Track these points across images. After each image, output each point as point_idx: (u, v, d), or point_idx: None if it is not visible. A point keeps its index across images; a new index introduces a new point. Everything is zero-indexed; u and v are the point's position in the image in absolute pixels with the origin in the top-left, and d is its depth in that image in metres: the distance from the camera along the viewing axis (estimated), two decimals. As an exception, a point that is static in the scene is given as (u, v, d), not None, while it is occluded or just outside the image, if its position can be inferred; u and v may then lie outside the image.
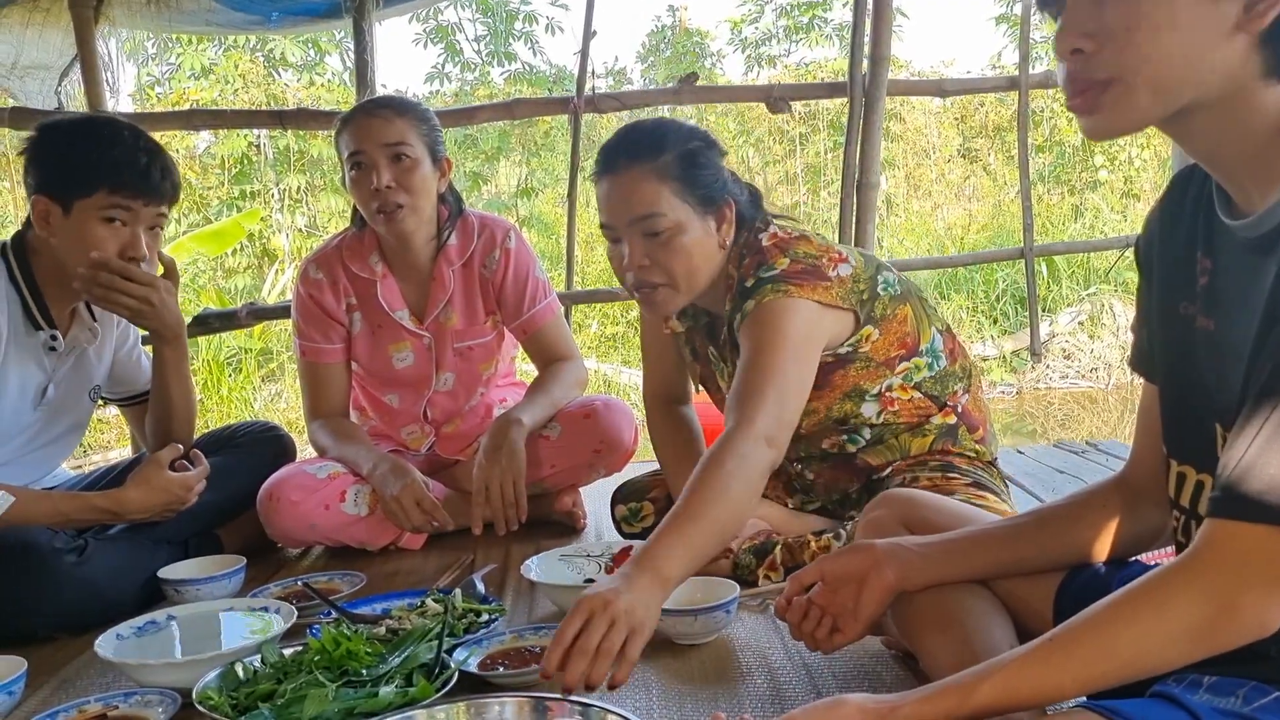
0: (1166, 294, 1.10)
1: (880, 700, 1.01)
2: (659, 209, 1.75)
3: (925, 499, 1.47)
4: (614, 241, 1.82)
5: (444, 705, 1.31)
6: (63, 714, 1.48)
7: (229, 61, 9.61)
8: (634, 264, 1.78)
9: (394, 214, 2.27)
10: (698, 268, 1.80)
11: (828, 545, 1.86)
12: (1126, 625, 0.93)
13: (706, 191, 1.79)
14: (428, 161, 2.31)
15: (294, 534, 2.28)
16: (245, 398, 7.39)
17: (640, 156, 1.76)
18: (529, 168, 11.04)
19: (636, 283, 1.81)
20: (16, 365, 2.02)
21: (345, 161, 2.30)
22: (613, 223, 1.80)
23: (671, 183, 1.75)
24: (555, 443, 2.38)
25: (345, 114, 2.37)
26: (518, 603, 1.95)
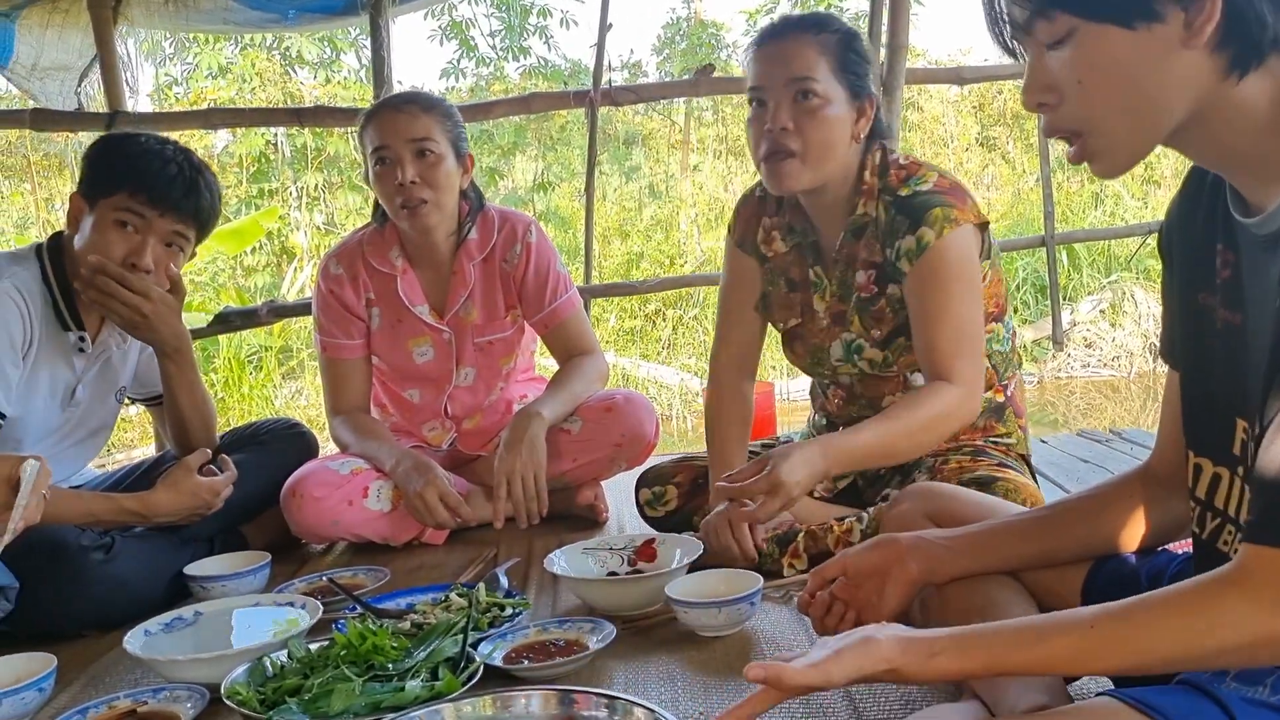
0: (1187, 285, 1.09)
1: (915, 636, 1.00)
2: (815, 75, 1.82)
3: (949, 492, 1.47)
4: (759, 104, 1.86)
5: (470, 699, 1.31)
6: (92, 710, 1.49)
7: (246, 60, 9.64)
8: (778, 123, 1.82)
9: (418, 209, 2.28)
10: (832, 147, 1.85)
11: (850, 529, 1.87)
12: (1173, 632, 0.91)
13: (857, 79, 1.86)
14: (451, 157, 2.31)
15: (318, 530, 2.29)
16: (266, 395, 7.43)
17: (805, 29, 1.84)
18: (545, 162, 11.05)
19: (771, 149, 1.85)
20: (47, 365, 2.04)
21: (369, 156, 2.30)
22: (768, 83, 1.84)
23: (830, 59, 1.83)
24: (576, 437, 2.38)
25: (370, 109, 2.38)
26: (541, 596, 1.95)
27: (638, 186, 11.10)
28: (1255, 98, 0.93)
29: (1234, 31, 0.91)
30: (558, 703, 1.29)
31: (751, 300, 2.13)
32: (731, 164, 11.35)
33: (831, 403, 2.15)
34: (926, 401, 1.83)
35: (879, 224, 1.92)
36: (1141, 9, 0.91)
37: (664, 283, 4.93)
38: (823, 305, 2.03)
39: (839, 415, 2.14)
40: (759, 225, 2.10)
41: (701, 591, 1.72)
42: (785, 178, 1.86)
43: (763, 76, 1.85)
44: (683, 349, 8.35)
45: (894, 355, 1.97)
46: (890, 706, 1.38)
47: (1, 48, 3.57)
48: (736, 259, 2.14)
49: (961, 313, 1.83)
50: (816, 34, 1.84)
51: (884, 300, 1.95)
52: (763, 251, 2.10)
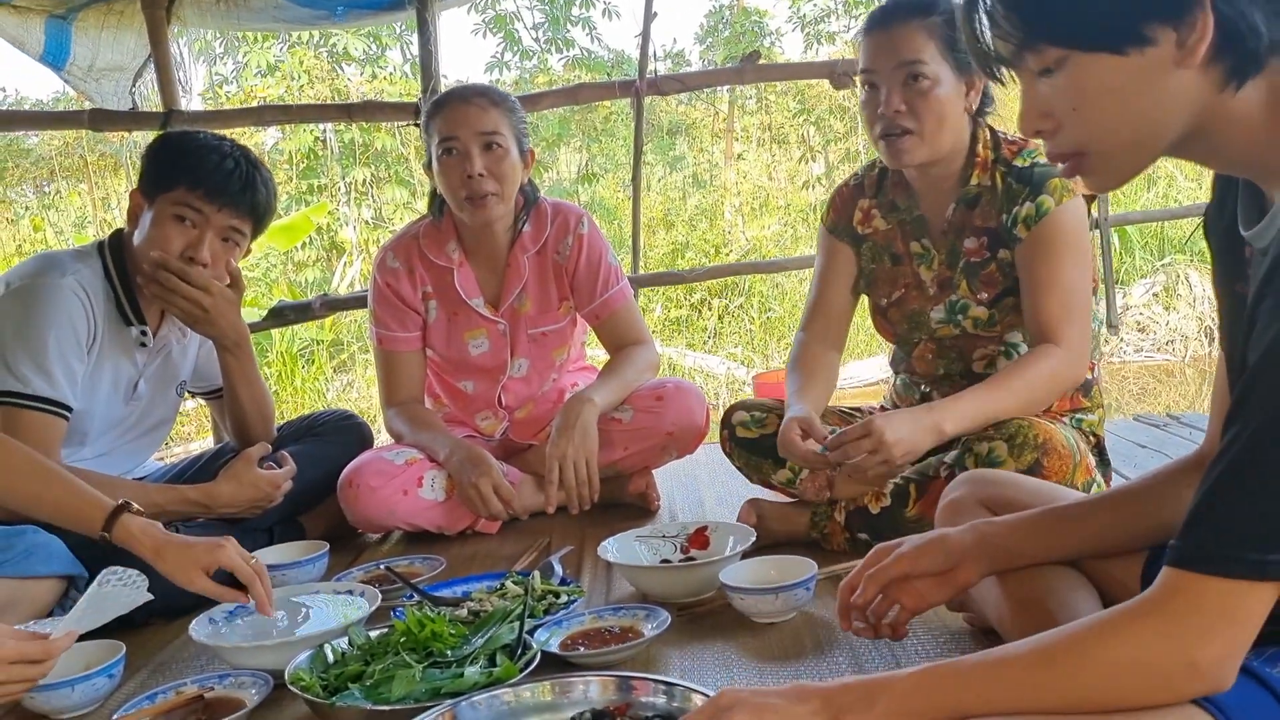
0: (1223, 274, 1.07)
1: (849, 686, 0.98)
2: (923, 58, 1.88)
3: (1005, 478, 1.45)
4: (871, 87, 1.93)
5: (529, 684, 1.32)
6: (161, 696, 1.52)
7: (294, 58, 9.75)
8: (891, 107, 1.90)
9: (483, 201, 2.30)
10: (946, 122, 1.91)
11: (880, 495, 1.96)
12: (1094, 663, 0.90)
13: (963, 56, 1.86)
14: (515, 151, 2.33)
15: (373, 519, 2.32)
16: (318, 388, 7.52)
17: (912, 14, 1.90)
18: (589, 153, 11.06)
19: (886, 128, 1.92)
20: (110, 360, 2.08)
21: (436, 146, 2.32)
22: (877, 67, 1.91)
23: (937, 41, 1.88)
24: (628, 426, 2.39)
25: (438, 100, 2.41)
26: (595, 584, 1.96)
27: (682, 176, 11.09)
28: (1254, 104, 0.92)
29: (1228, 45, 0.89)
30: (616, 689, 1.30)
31: (844, 280, 2.19)
32: (775, 152, 11.29)
33: (920, 361, 2.16)
34: (1034, 364, 1.86)
35: (995, 192, 1.98)
36: (1131, 35, 0.90)
37: (711, 271, 4.90)
38: (929, 275, 2.08)
39: (926, 373, 2.16)
40: (855, 208, 2.16)
41: (756, 578, 1.72)
42: (903, 153, 1.93)
43: (873, 61, 1.92)
44: (729, 338, 8.32)
45: (1000, 315, 2.02)
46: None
47: (59, 50, 3.64)
48: (828, 242, 2.21)
49: (1073, 280, 1.89)
50: (923, 18, 1.89)
51: (994, 265, 2.00)
52: (859, 232, 2.16)
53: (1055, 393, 1.91)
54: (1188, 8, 0.88)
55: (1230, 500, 0.85)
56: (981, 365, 2.08)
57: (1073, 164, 0.99)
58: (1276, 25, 0.89)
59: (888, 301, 2.15)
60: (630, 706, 1.28)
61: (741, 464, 2.20)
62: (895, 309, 2.14)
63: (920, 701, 0.95)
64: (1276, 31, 0.90)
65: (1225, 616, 0.85)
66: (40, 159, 10.10)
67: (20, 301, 1.96)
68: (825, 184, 10.38)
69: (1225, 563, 0.84)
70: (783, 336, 7.95)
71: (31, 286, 1.97)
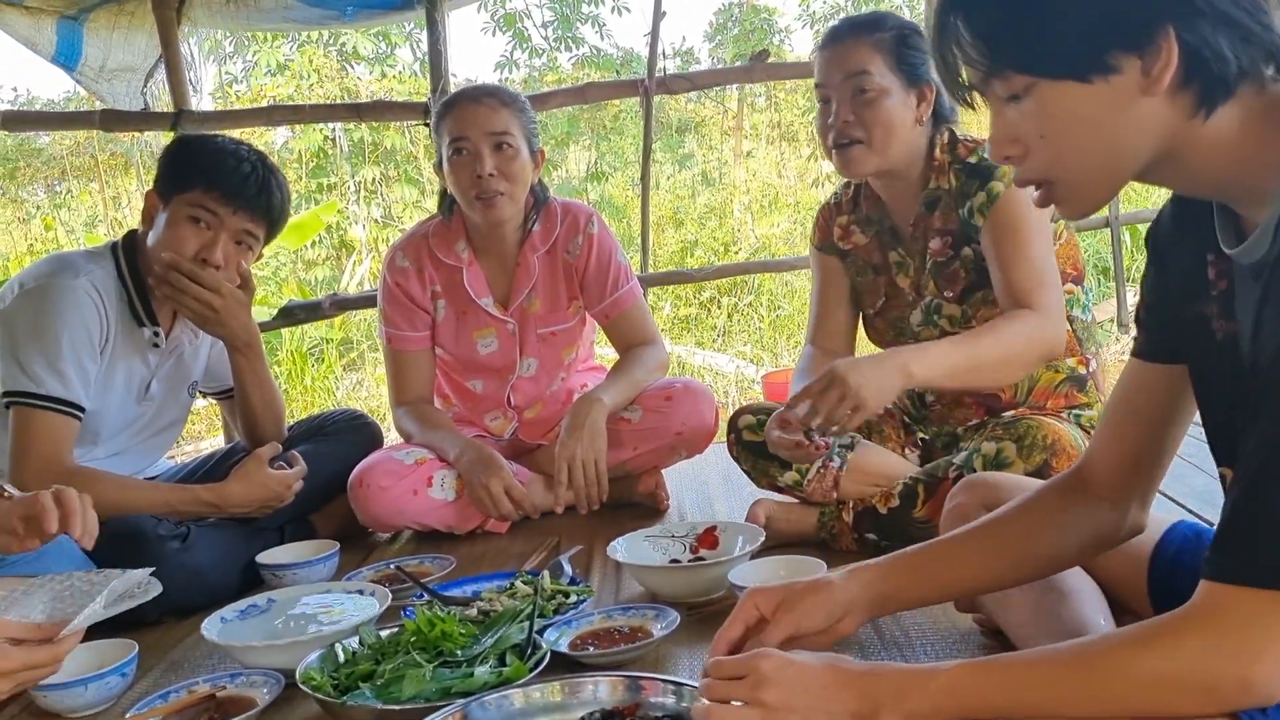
0: (1180, 295, 1.06)
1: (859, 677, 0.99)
2: (869, 70, 1.93)
3: (1008, 482, 1.44)
4: (824, 102, 1.99)
5: (538, 684, 1.33)
6: (173, 694, 1.54)
7: (304, 57, 9.76)
8: (840, 117, 1.96)
9: (493, 201, 2.31)
10: (895, 132, 1.96)
11: (889, 494, 1.96)
12: (1137, 675, 0.89)
13: (912, 69, 1.96)
14: (526, 151, 2.34)
15: (384, 518, 2.32)
16: (328, 387, 7.53)
17: (860, 31, 1.97)
18: (598, 151, 11.06)
19: (837, 138, 1.97)
20: (123, 361, 2.09)
21: (446, 146, 2.33)
22: (828, 81, 1.98)
23: (884, 54, 1.94)
24: (637, 425, 2.39)
25: (448, 100, 2.41)
26: (604, 584, 1.97)
27: (690, 174, 11.07)
28: (1226, 129, 0.91)
29: (1194, 73, 0.89)
30: (626, 689, 1.31)
31: (841, 294, 2.24)
32: (785, 150, 11.27)
33: None
34: (1008, 323, 1.84)
35: (951, 191, 2.00)
36: (1095, 64, 0.90)
37: (720, 270, 4.89)
38: (906, 281, 2.11)
39: None
40: (834, 225, 2.22)
41: (765, 578, 1.72)
42: (853, 163, 1.98)
43: (824, 75, 1.99)
44: (738, 336, 8.31)
45: (972, 310, 2.03)
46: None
47: (71, 50, 3.66)
48: (820, 260, 2.26)
49: (1037, 252, 1.90)
50: (871, 34, 1.95)
51: (958, 262, 2.02)
52: (841, 247, 2.21)
53: (1032, 352, 1.84)
54: (1150, 36, 0.88)
55: (1268, 508, 0.84)
56: None
57: (1044, 193, 1.00)
58: (1245, 51, 0.89)
59: (874, 311, 2.20)
60: (640, 707, 1.28)
61: (748, 467, 2.21)
62: (880, 318, 2.18)
63: (956, 699, 0.95)
64: (1245, 58, 0.89)
65: (1274, 628, 0.84)
66: (52, 158, 10.13)
67: (34, 302, 1.97)
68: (834, 182, 10.34)
69: (1273, 574, 0.83)
70: (792, 335, 7.94)
71: (45, 287, 1.98)
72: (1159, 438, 1.15)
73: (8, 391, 1.94)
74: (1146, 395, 1.14)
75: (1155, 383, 1.13)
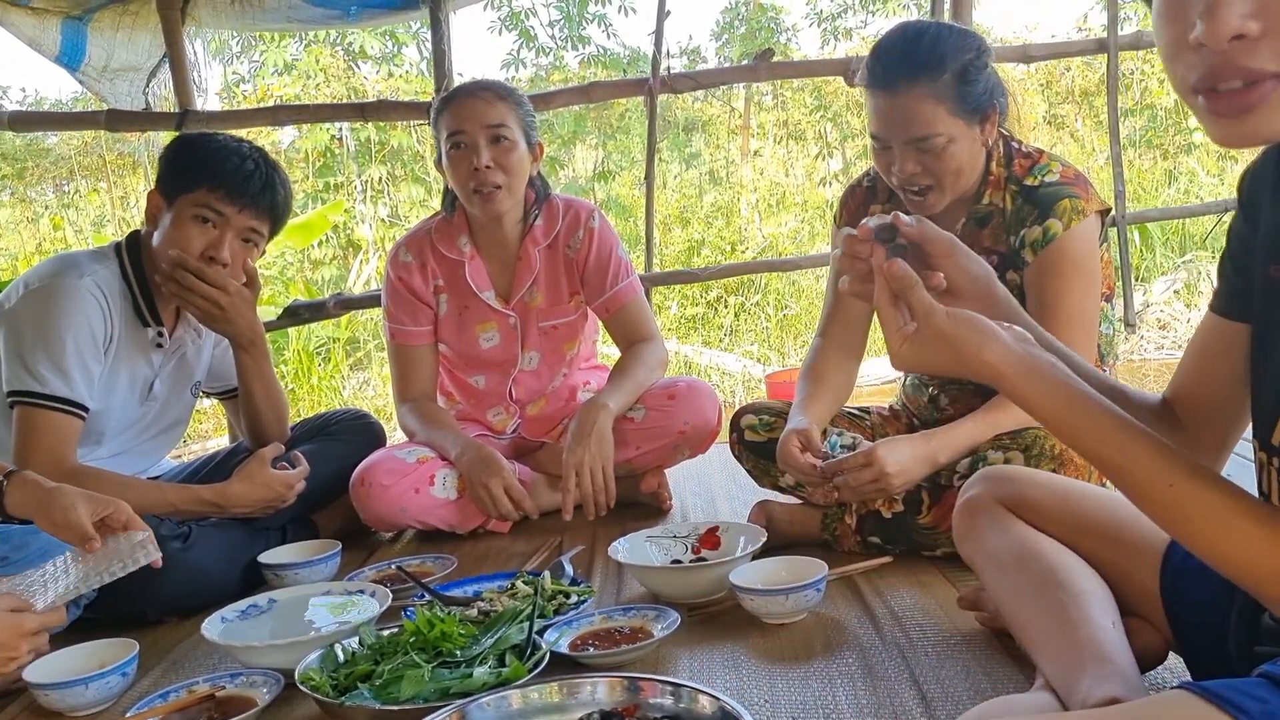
0: (1265, 251, 1.01)
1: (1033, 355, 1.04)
2: (935, 129, 1.83)
3: (1025, 476, 1.42)
4: (883, 149, 1.89)
5: (537, 685, 1.32)
6: (173, 694, 1.53)
7: (310, 57, 9.78)
8: (905, 171, 1.87)
9: (491, 194, 2.32)
10: (964, 170, 1.90)
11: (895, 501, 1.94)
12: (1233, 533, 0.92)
13: (977, 103, 1.86)
14: (524, 144, 2.35)
15: (385, 517, 2.32)
16: (334, 386, 7.54)
17: (919, 77, 1.81)
18: (605, 150, 11.05)
19: (903, 184, 1.90)
20: (126, 361, 2.10)
21: (444, 141, 2.34)
22: (886, 135, 1.87)
23: (947, 103, 1.83)
24: (640, 425, 2.39)
25: (445, 96, 2.43)
26: (606, 584, 1.96)
27: (697, 173, 11.07)
28: None
29: None
30: (623, 690, 1.30)
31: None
32: (792, 148, 11.25)
33: None
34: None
35: (1005, 213, 1.95)
36: None
37: (725, 270, 4.88)
38: None
39: (935, 376, 2.15)
40: (867, 213, 2.12)
41: (766, 579, 1.72)
42: (926, 207, 1.91)
43: (882, 129, 1.87)
44: (745, 336, 8.30)
45: None
46: (957, 694, 1.37)
47: (74, 50, 3.67)
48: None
49: (1078, 304, 1.88)
50: (931, 83, 1.81)
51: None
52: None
53: None
54: None
55: None
56: None
57: (1243, 95, 0.82)
58: None
59: None
60: (639, 708, 1.28)
61: (750, 466, 2.20)
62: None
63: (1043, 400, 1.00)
64: None
65: None
66: (60, 158, 10.17)
67: (39, 302, 1.98)
68: (842, 180, 10.34)
69: None
70: (799, 334, 7.93)
71: (50, 287, 1.99)
72: (1240, 396, 1.08)
73: (12, 391, 1.94)
74: (1224, 353, 1.10)
75: (1233, 341, 1.08)
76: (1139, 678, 1.13)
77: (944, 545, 1.88)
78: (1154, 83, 10.06)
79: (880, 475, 1.81)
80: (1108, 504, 1.31)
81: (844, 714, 1.35)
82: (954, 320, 1.05)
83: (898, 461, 1.81)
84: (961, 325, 1.05)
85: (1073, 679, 1.11)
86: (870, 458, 1.80)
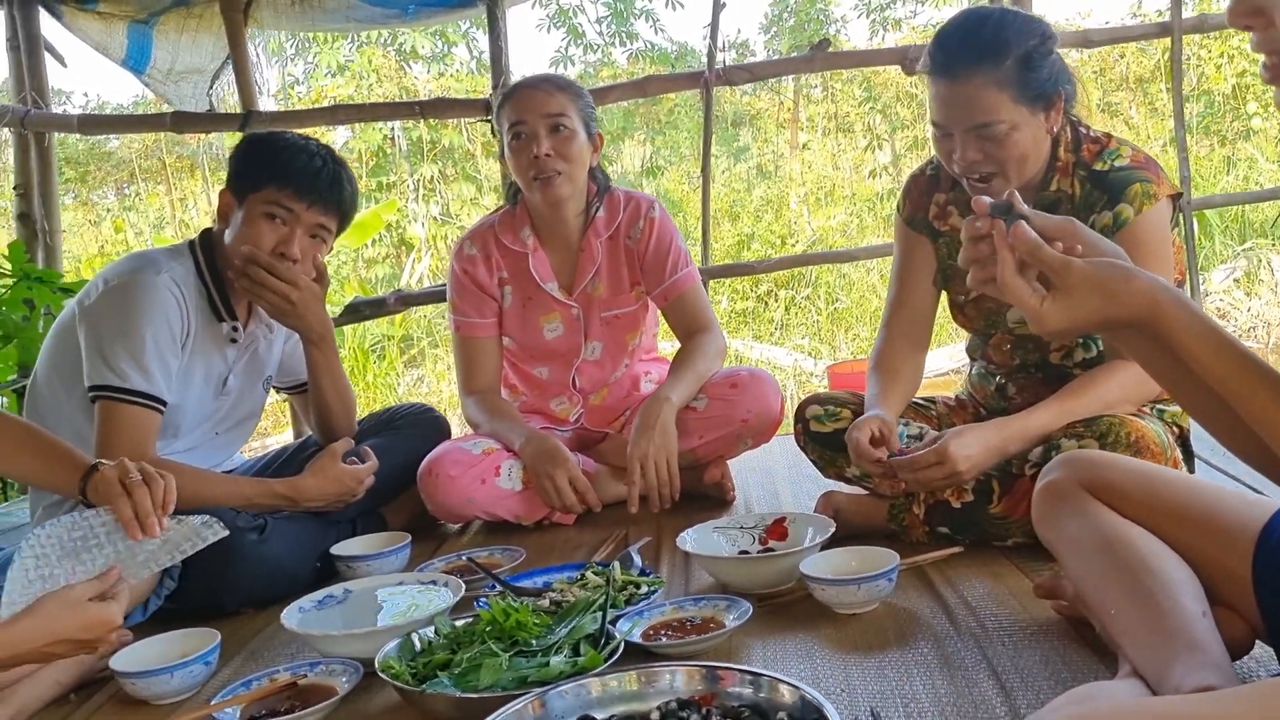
0: None
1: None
2: (998, 116, 1.79)
3: (1108, 460, 1.39)
4: (944, 137, 1.86)
5: (616, 673, 1.33)
6: (255, 682, 1.56)
7: (363, 57, 9.88)
8: (966, 160, 1.84)
9: (551, 180, 2.35)
10: (1028, 157, 1.86)
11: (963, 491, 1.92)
12: None
13: (1041, 90, 1.82)
14: (583, 134, 2.38)
15: (453, 508, 2.35)
16: (390, 383, 7.62)
17: (981, 63, 1.78)
18: (653, 146, 11.05)
19: (966, 172, 1.87)
20: (202, 356, 2.14)
21: (506, 133, 2.39)
22: (948, 126, 1.84)
23: (1010, 90, 1.79)
24: (703, 414, 2.40)
25: (507, 89, 2.49)
26: (674, 575, 1.97)
27: (746, 167, 11.03)
28: None
29: None
30: (702, 678, 1.30)
31: (924, 274, 2.14)
32: (841, 141, 11.17)
33: (997, 351, 2.12)
34: (1105, 381, 1.84)
35: (1073, 199, 1.91)
36: None
37: (780, 262, 4.90)
38: None
39: (1002, 363, 2.13)
40: (930, 202, 2.11)
41: (836, 569, 1.72)
42: (989, 193, 1.84)
43: (943, 116, 1.84)
44: (795, 330, 8.26)
45: None
46: (1038, 684, 1.36)
47: (141, 54, 3.75)
48: (906, 236, 2.15)
49: None
50: (992, 69, 1.78)
51: None
52: (936, 227, 2.11)
53: (1129, 405, 1.85)
54: None
55: None
56: (1058, 357, 2.03)
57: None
58: None
59: (965, 299, 2.11)
60: (716, 696, 1.28)
61: (816, 457, 2.19)
62: (972, 306, 2.10)
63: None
64: None
65: None
66: (121, 162, 10.37)
67: (118, 299, 2.02)
68: (892, 173, 10.25)
69: None
70: (849, 327, 7.88)
71: (128, 284, 2.03)
72: None
73: (93, 385, 1.99)
74: None
75: None
76: (1231, 667, 1.11)
77: (1016, 535, 1.86)
78: (1211, 68, 9.85)
79: (951, 473, 1.80)
80: (1195, 490, 1.29)
81: (923, 704, 1.34)
82: (1094, 264, 1.07)
83: (968, 457, 1.80)
84: (1103, 265, 1.07)
85: (1164, 667, 1.10)
86: (941, 454, 1.79)
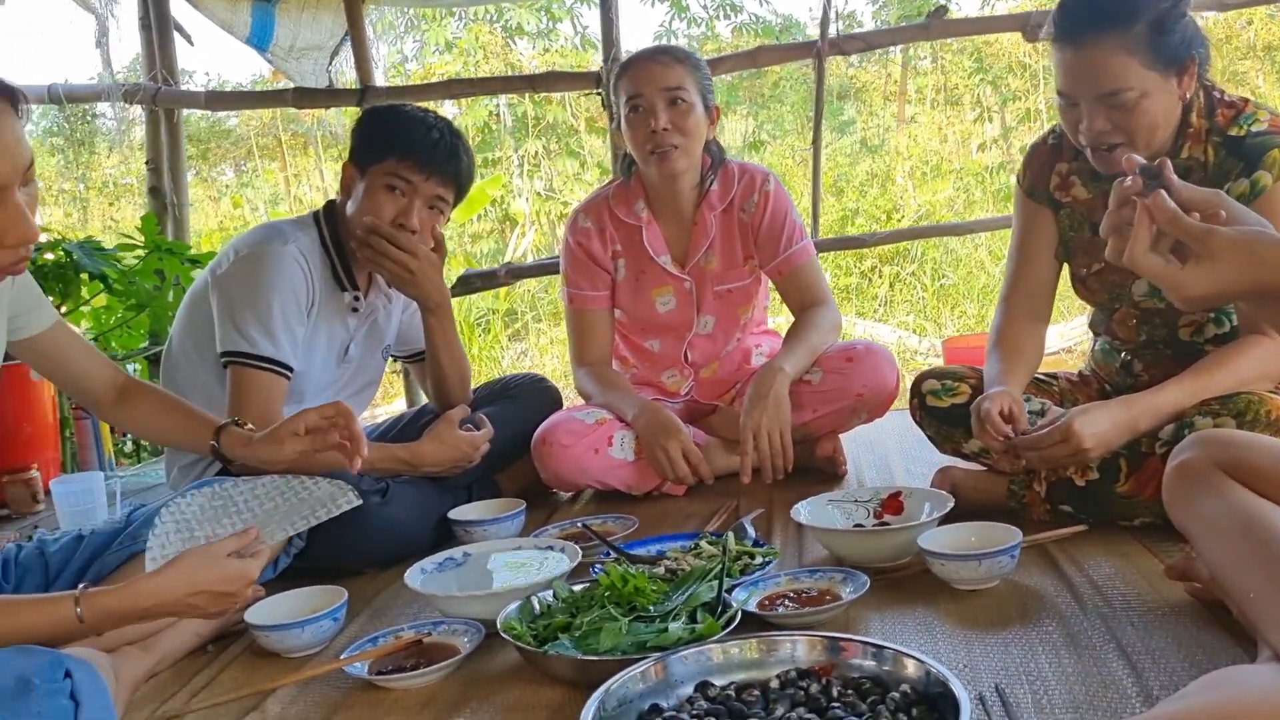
0: None
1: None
2: (1126, 84, 1.73)
3: (1244, 440, 1.34)
4: (1070, 106, 1.81)
5: (736, 641, 1.34)
6: (381, 639, 1.61)
7: (470, 34, 10.00)
8: (1094, 128, 1.78)
9: (667, 154, 2.34)
10: (1158, 125, 1.79)
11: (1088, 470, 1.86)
12: None
13: (1174, 54, 1.75)
14: (700, 107, 2.37)
15: (565, 477, 2.38)
16: (494, 356, 7.74)
17: (1109, 28, 1.72)
18: (757, 120, 10.95)
19: (1094, 143, 1.81)
20: (325, 324, 2.20)
21: (623, 105, 2.38)
22: (1074, 95, 1.79)
23: (1140, 55, 1.72)
24: (817, 388, 2.38)
25: (624, 62, 2.46)
26: (787, 547, 1.96)
27: (850, 141, 10.85)
28: None
29: None
30: (824, 649, 1.30)
31: (1045, 246, 2.07)
32: (949, 114, 10.91)
33: (1122, 327, 2.06)
34: (1239, 356, 1.78)
35: (1207, 166, 1.84)
36: None
37: (891, 235, 4.82)
38: None
39: (1127, 339, 2.06)
40: (1052, 172, 2.04)
41: (954, 544, 1.69)
42: (1116, 164, 1.76)
43: (1069, 85, 1.79)
44: (900, 306, 8.12)
45: None
46: (1171, 665, 1.32)
47: (264, 32, 3.86)
48: (1026, 207, 2.09)
49: None
50: (1122, 33, 1.71)
51: None
52: (1057, 198, 2.04)
53: (1265, 384, 1.78)
54: None
55: None
56: (1188, 333, 1.96)
57: None
58: None
59: (1088, 272, 2.04)
60: (835, 667, 1.28)
61: (932, 433, 2.15)
62: (1095, 279, 2.03)
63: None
64: None
65: None
66: (239, 139, 10.71)
67: (248, 267, 2.09)
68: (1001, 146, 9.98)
69: None
70: (955, 304, 7.71)
71: (258, 254, 2.10)
72: None
73: (225, 351, 2.06)
74: None
75: None
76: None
77: (1143, 515, 1.81)
78: (1349, 32, 9.33)
79: (1078, 450, 1.75)
80: None
81: (1049, 681, 1.31)
82: (1239, 230, 1.05)
83: (1095, 435, 1.74)
84: (1249, 231, 1.05)
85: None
86: (1067, 433, 1.74)
